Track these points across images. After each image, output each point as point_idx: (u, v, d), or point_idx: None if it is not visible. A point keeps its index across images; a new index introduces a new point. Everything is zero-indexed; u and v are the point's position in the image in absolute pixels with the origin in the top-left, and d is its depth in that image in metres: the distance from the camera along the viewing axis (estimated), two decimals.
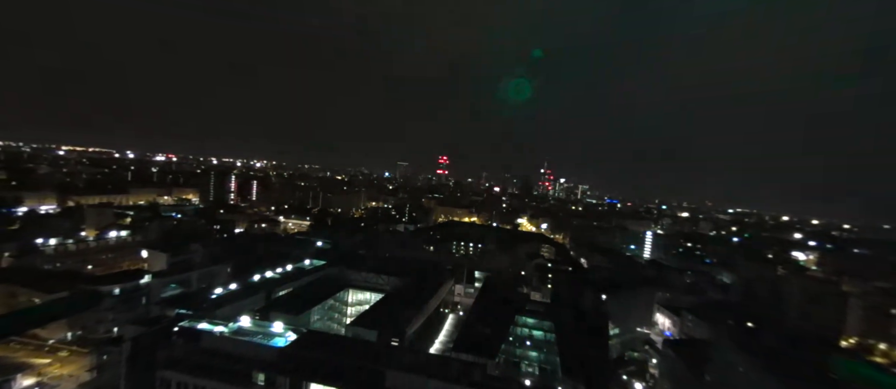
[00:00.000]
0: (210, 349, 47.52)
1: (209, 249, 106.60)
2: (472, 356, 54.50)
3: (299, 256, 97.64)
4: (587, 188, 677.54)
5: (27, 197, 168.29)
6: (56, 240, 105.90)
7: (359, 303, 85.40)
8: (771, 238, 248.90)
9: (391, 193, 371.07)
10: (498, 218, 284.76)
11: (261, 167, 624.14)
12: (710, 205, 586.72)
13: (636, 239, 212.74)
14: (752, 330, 69.45)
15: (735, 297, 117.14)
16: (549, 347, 68.53)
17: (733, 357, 52.99)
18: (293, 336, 51.12)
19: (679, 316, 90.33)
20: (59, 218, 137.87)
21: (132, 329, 54.48)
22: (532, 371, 67.82)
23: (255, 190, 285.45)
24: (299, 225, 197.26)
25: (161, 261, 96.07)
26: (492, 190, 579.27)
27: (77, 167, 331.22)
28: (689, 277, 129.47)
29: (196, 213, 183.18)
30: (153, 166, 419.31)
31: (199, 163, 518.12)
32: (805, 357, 53.70)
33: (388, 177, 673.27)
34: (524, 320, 73.27)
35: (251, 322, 54.82)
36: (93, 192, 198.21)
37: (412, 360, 47.77)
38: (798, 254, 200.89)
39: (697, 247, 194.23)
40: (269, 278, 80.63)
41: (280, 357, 46.18)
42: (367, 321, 65.56)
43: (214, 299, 66.51)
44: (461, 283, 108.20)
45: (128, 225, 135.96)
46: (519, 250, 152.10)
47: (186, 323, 53.38)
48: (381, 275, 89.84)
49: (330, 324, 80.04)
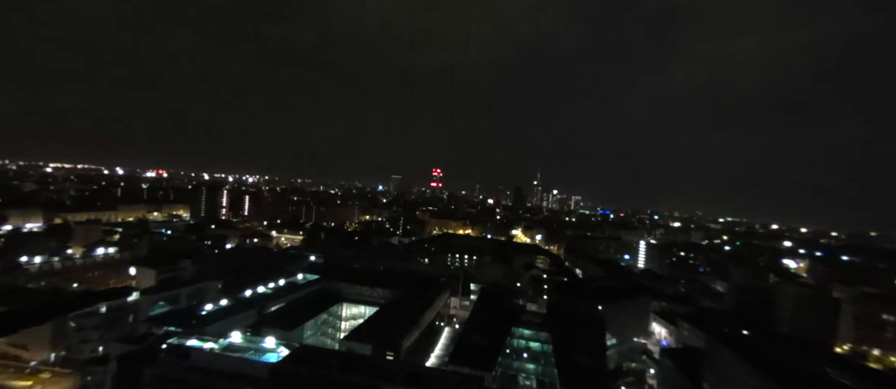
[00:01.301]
0: (199, 366, 46.13)
1: (199, 265, 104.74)
2: (468, 368, 53.61)
3: (292, 271, 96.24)
4: (580, 199, 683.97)
5: (12, 214, 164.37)
6: (41, 258, 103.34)
7: (353, 317, 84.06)
8: (761, 246, 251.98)
9: (385, 207, 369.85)
10: (492, 230, 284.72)
11: (253, 182, 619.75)
12: (701, 215, 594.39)
13: (630, 249, 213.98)
14: (747, 337, 69.62)
15: (729, 305, 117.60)
16: (547, 359, 67.83)
17: (731, 364, 52.94)
18: (286, 352, 49.99)
19: (675, 325, 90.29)
20: (45, 236, 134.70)
21: (118, 348, 52.87)
22: (530, 384, 67.00)
23: (247, 205, 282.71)
24: (292, 239, 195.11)
25: (149, 278, 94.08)
26: (486, 202, 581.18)
27: (65, 184, 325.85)
28: (683, 286, 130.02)
29: (187, 229, 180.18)
30: (143, 182, 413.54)
31: (190, 179, 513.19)
32: (801, 362, 53.82)
33: (381, 190, 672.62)
34: (521, 331, 72.51)
35: (242, 338, 53.51)
36: (81, 209, 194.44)
37: (408, 374, 46.85)
38: (789, 262, 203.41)
39: (690, 256, 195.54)
40: (261, 293, 79.13)
41: (272, 373, 45.00)
42: (362, 335, 64.46)
43: (204, 315, 64.96)
44: (456, 295, 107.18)
45: (116, 242, 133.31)
46: (514, 261, 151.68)
47: (175, 340, 51.97)
48: (375, 289, 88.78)
49: (324, 339, 78.52)
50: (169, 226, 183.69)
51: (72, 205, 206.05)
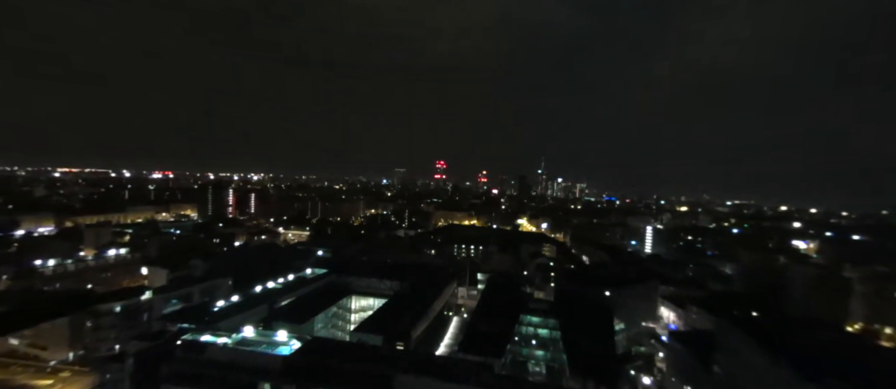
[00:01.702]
0: (214, 360, 47.04)
1: (210, 263, 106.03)
2: (478, 356, 54.15)
3: (300, 266, 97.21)
4: (585, 186, 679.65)
5: (24, 219, 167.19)
6: (55, 261, 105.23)
7: (362, 310, 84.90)
8: (770, 228, 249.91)
9: (390, 200, 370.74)
10: (497, 220, 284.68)
11: (258, 180, 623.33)
12: (708, 199, 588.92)
13: (636, 234, 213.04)
14: (757, 319, 69.38)
15: (738, 288, 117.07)
16: (555, 345, 68.21)
17: (741, 346, 52.84)
18: (298, 345, 50.73)
19: (683, 309, 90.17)
20: (57, 239, 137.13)
21: (134, 345, 53.96)
22: (539, 370, 67.49)
23: (253, 203, 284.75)
24: (299, 235, 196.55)
25: (161, 277, 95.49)
26: (490, 192, 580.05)
27: (74, 188, 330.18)
28: (691, 270, 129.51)
29: (195, 228, 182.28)
30: (150, 184, 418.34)
31: (196, 179, 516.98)
32: (812, 342, 53.57)
33: (386, 183, 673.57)
34: (529, 319, 72.89)
35: (255, 332, 54.34)
36: (90, 212, 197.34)
37: (419, 363, 47.40)
38: (798, 243, 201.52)
39: (698, 240, 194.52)
40: (271, 289, 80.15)
41: (285, 365, 45.77)
42: (372, 326, 65.17)
43: (217, 312, 66.02)
44: (464, 285, 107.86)
45: (127, 243, 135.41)
46: (520, 250, 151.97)
47: (189, 336, 52.88)
48: (383, 281, 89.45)
49: (334, 332, 79.44)
50: (177, 226, 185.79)
51: (81, 209, 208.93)
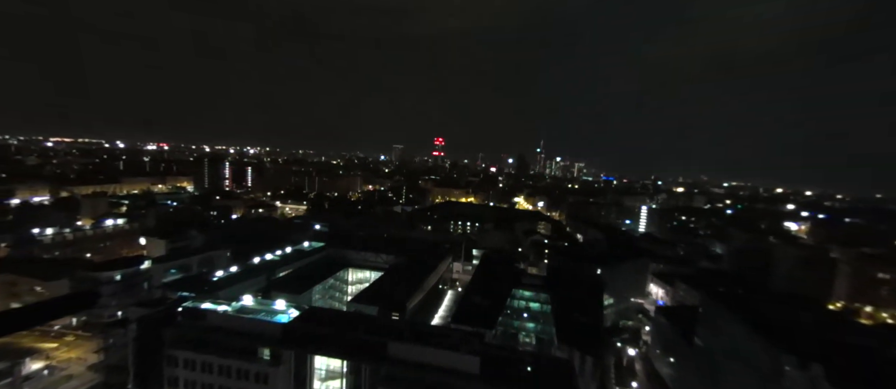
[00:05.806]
0: (215, 326, 48.52)
1: (207, 235, 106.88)
2: (470, 327, 56.04)
3: (298, 239, 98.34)
4: (583, 166, 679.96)
5: (19, 188, 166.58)
6: (53, 230, 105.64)
7: (359, 282, 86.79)
8: (764, 209, 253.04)
9: (387, 176, 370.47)
10: (495, 198, 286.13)
11: (254, 153, 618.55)
12: (706, 180, 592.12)
13: (631, 213, 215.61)
14: (741, 295, 71.62)
15: (727, 266, 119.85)
16: (546, 318, 70.49)
17: (722, 320, 54.90)
18: (296, 313, 52.20)
19: (672, 286, 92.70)
20: (54, 209, 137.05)
21: (136, 312, 55.23)
22: (529, 341, 70.03)
23: (250, 176, 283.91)
24: (296, 209, 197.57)
25: (160, 248, 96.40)
26: (488, 170, 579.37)
27: (67, 158, 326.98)
28: (682, 248, 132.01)
29: (192, 200, 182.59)
30: (144, 155, 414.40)
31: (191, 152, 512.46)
32: (791, 317, 55.70)
33: (383, 160, 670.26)
34: (521, 293, 74.98)
35: (254, 301, 55.71)
36: (85, 182, 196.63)
37: (413, 331, 49.09)
38: (790, 224, 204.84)
39: (691, 220, 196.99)
40: (269, 260, 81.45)
41: (284, 332, 47.30)
42: (368, 297, 66.89)
43: (216, 281, 67.41)
44: (459, 261, 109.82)
45: (123, 214, 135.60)
46: (516, 227, 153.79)
47: (190, 304, 54.17)
48: (380, 255, 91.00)
49: (331, 302, 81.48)
50: (174, 198, 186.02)
51: (76, 179, 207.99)
